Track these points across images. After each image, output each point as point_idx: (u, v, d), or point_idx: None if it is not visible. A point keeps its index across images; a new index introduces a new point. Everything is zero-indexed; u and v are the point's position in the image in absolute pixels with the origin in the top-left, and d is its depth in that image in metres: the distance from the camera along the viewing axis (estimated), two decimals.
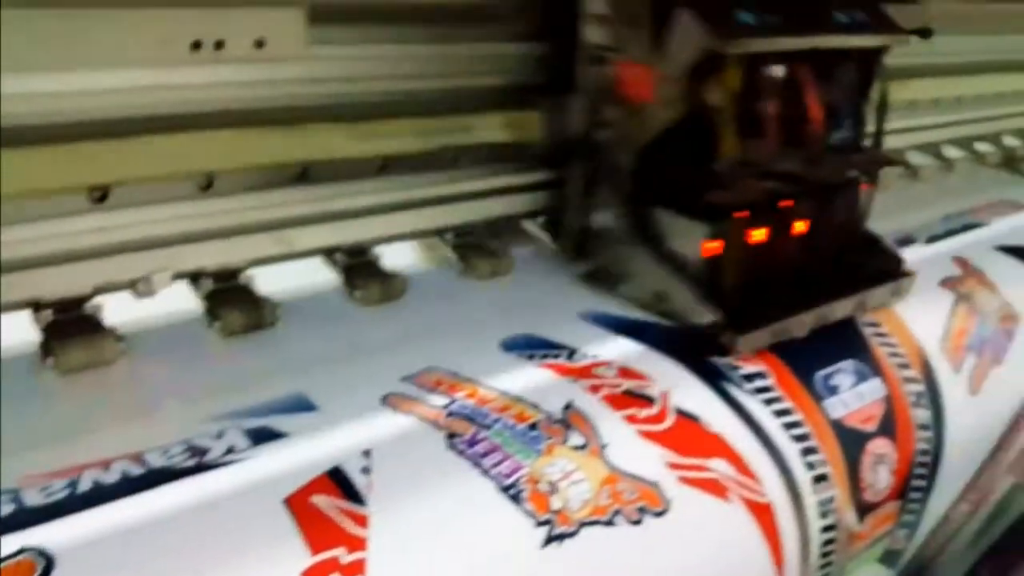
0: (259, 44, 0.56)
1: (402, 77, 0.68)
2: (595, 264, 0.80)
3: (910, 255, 0.95)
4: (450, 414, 0.58)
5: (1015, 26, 1.33)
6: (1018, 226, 1.09)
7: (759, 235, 0.74)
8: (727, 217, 0.72)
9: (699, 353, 0.70)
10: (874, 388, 0.75)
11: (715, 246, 0.72)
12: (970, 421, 0.83)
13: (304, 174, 0.67)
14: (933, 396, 0.79)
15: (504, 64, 0.75)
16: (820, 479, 0.68)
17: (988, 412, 0.86)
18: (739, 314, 0.71)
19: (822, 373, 0.73)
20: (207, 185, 0.62)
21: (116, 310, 0.64)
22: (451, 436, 0.56)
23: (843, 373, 0.75)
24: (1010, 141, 1.45)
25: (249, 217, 0.64)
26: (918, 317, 0.84)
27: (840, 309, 0.78)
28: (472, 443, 0.56)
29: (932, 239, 1.00)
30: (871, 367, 0.76)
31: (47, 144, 0.53)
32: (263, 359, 0.64)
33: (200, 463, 0.51)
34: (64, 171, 0.54)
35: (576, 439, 0.59)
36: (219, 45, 0.55)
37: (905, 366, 0.79)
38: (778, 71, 0.71)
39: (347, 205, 0.69)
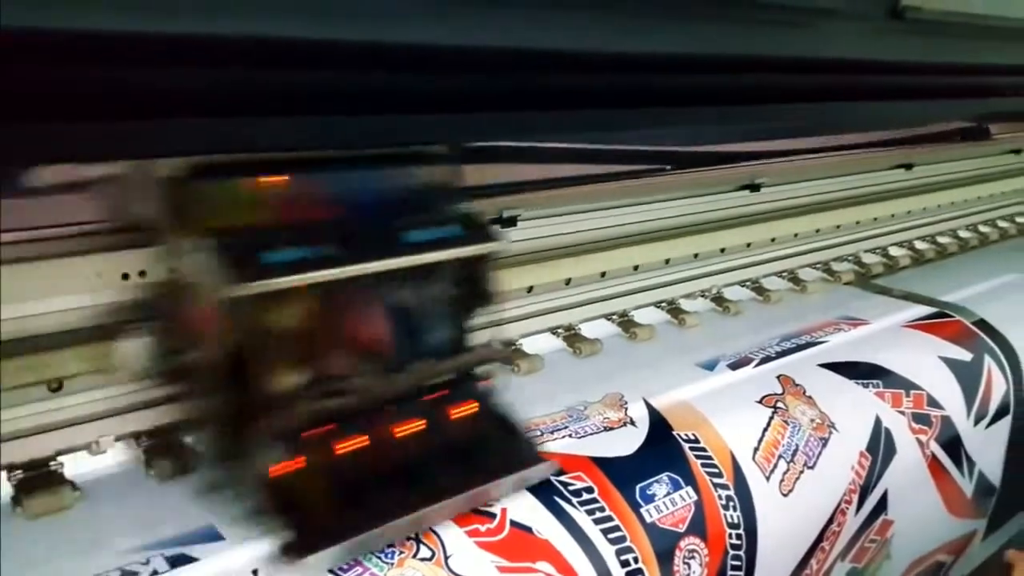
0: None
1: None
2: (203, 481, 0.80)
3: (738, 376, 1.15)
4: None
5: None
6: (844, 342, 1.29)
7: (343, 447, 0.76)
8: (296, 437, 0.74)
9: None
10: (686, 495, 0.94)
11: (284, 466, 0.73)
12: (783, 518, 1.00)
13: None
14: (743, 499, 0.98)
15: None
16: (634, 573, 0.86)
17: (801, 510, 1.03)
18: (315, 530, 0.72)
19: (641, 484, 0.92)
20: None
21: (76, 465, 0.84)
22: None
23: (659, 483, 0.93)
24: (866, 259, 1.70)
25: None
26: (734, 430, 1.03)
27: (447, 509, 0.79)
28: None
29: (764, 360, 1.20)
30: (685, 477, 0.95)
31: (18, 356, 0.74)
32: (186, 499, 0.82)
33: None
34: (30, 372, 0.75)
35: (424, 552, 0.77)
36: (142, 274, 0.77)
37: (717, 474, 0.97)
38: (344, 296, 0.75)
39: None
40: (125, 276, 0.77)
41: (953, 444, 1.24)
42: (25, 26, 0.49)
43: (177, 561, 0.73)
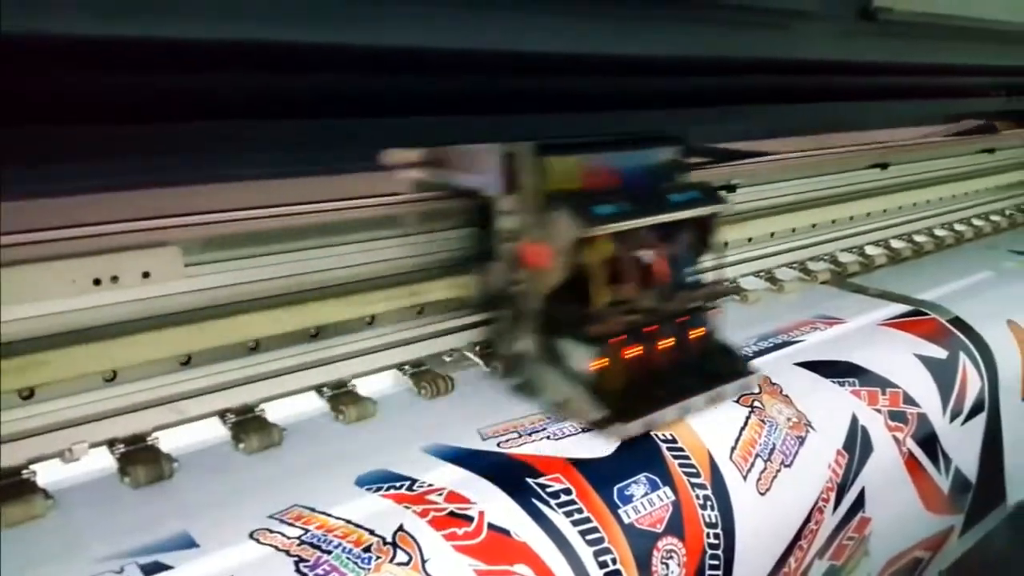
0: (146, 275, 0.78)
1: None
2: (520, 380, 1.08)
3: None
4: (301, 543, 0.76)
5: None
6: (821, 341, 1.30)
7: (632, 352, 1.03)
8: (606, 342, 1.00)
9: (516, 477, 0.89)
10: (663, 495, 0.94)
11: (599, 362, 1.00)
12: (760, 517, 1.01)
13: (189, 360, 0.87)
14: (721, 498, 0.98)
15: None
16: (612, 574, 0.86)
17: (779, 509, 1.04)
18: (622, 409, 0.98)
19: (619, 486, 0.92)
20: (112, 377, 0.82)
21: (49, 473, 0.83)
22: (299, 561, 0.74)
23: (637, 484, 0.93)
24: (842, 258, 1.71)
25: (148, 396, 0.84)
26: (711, 430, 1.03)
27: (695, 404, 1.04)
28: (315, 566, 0.74)
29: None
30: (663, 477, 0.95)
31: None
32: (161, 505, 0.82)
33: None
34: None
35: (402, 556, 0.77)
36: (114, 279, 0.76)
37: (695, 474, 0.98)
38: (630, 239, 1.01)
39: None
40: (96, 281, 0.76)
41: (929, 441, 1.25)
42: None
43: (151, 569, 0.72)
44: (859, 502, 1.13)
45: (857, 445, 1.14)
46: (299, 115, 0.77)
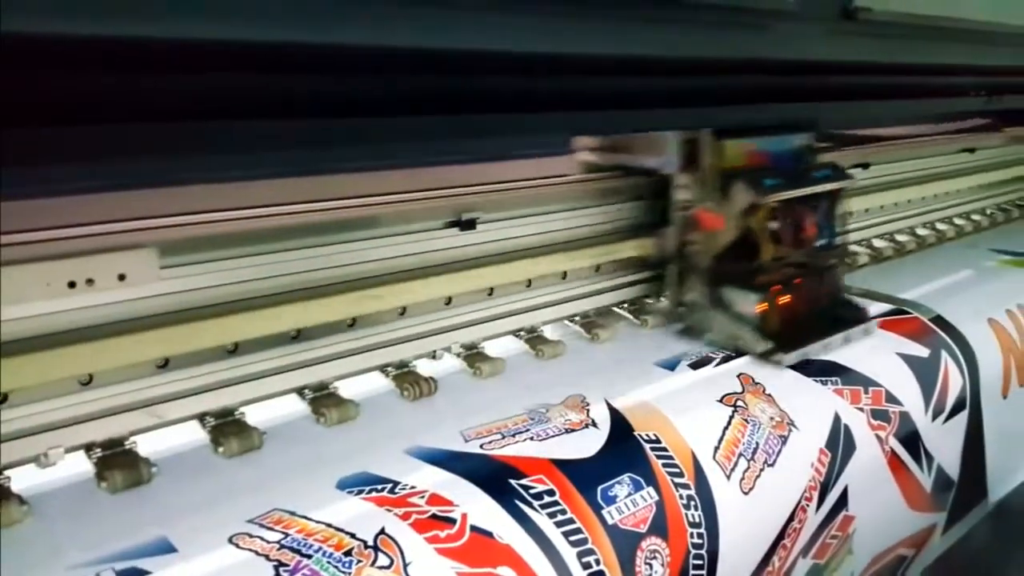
0: (121, 277, 0.77)
1: None
2: (686, 324, 1.33)
3: (699, 375, 1.16)
4: (281, 547, 0.75)
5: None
6: None
7: (785, 299, 1.29)
8: (768, 289, 1.26)
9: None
10: (647, 495, 0.94)
11: (763, 306, 1.26)
12: (743, 517, 1.01)
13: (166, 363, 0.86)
14: (704, 498, 0.98)
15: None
16: (596, 575, 0.85)
17: (762, 508, 1.04)
18: (785, 343, 1.23)
19: (603, 486, 0.92)
20: (88, 381, 0.80)
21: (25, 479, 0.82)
22: (279, 565, 0.73)
23: (621, 485, 0.93)
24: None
25: (125, 399, 0.83)
26: (694, 430, 1.03)
27: (834, 342, 1.30)
28: (295, 571, 0.73)
29: (725, 359, 1.20)
30: (646, 477, 0.95)
31: None
32: (139, 510, 0.81)
33: None
34: None
35: (383, 560, 0.76)
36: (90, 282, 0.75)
37: (678, 474, 0.97)
38: (788, 207, 1.27)
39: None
40: (71, 284, 0.75)
41: (912, 439, 1.26)
42: None
43: (129, 575, 0.71)
44: (842, 500, 1.13)
45: (840, 444, 1.14)
46: (284, 115, 0.76)
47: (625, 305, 1.39)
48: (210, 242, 0.87)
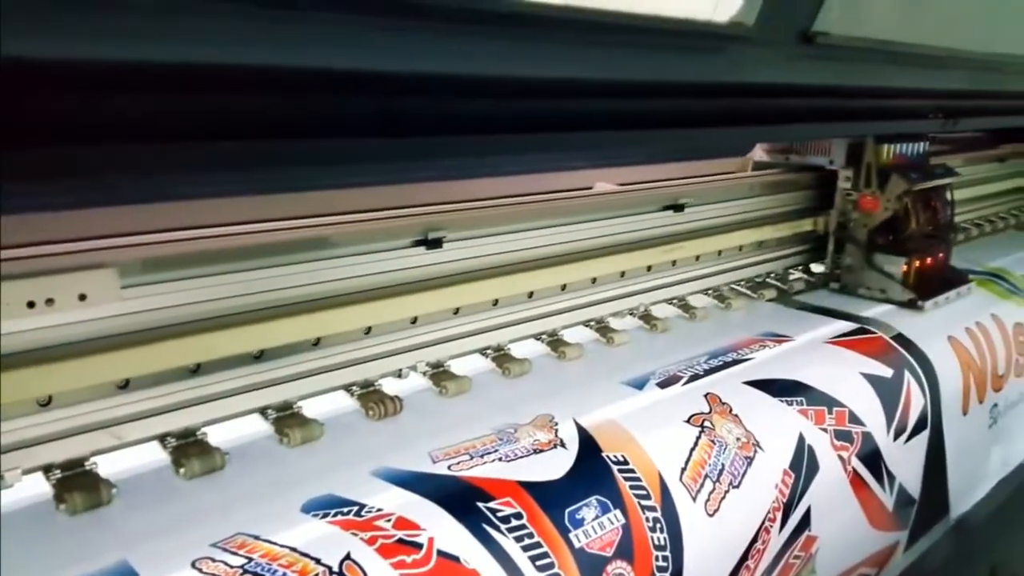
0: (82, 297, 0.75)
1: None
2: (842, 284, 1.78)
3: (667, 394, 1.16)
4: (244, 572, 0.74)
5: None
6: (770, 359, 1.31)
7: (924, 264, 1.74)
8: (913, 255, 1.71)
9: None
10: (614, 518, 0.93)
11: (907, 268, 1.70)
12: (708, 539, 1.01)
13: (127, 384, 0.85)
14: (670, 520, 0.98)
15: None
16: None
17: (727, 530, 1.04)
18: (922, 294, 1.69)
19: (570, 509, 0.92)
20: (47, 402, 0.79)
21: None
22: None
23: (588, 507, 0.93)
24: (789, 276, 1.76)
25: (85, 420, 0.82)
26: (662, 452, 1.03)
27: (951, 295, 1.77)
28: None
29: (693, 378, 1.21)
30: (613, 500, 0.95)
31: None
32: (99, 533, 0.79)
33: None
34: None
35: None
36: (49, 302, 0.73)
37: (645, 496, 0.97)
38: (927, 193, 1.78)
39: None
40: (31, 304, 0.74)
41: (873, 459, 1.27)
42: None
43: None
44: (805, 521, 1.14)
45: (804, 464, 1.15)
46: (248, 135, 0.75)
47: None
48: (172, 262, 0.86)
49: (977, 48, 1.62)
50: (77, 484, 0.82)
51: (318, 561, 0.77)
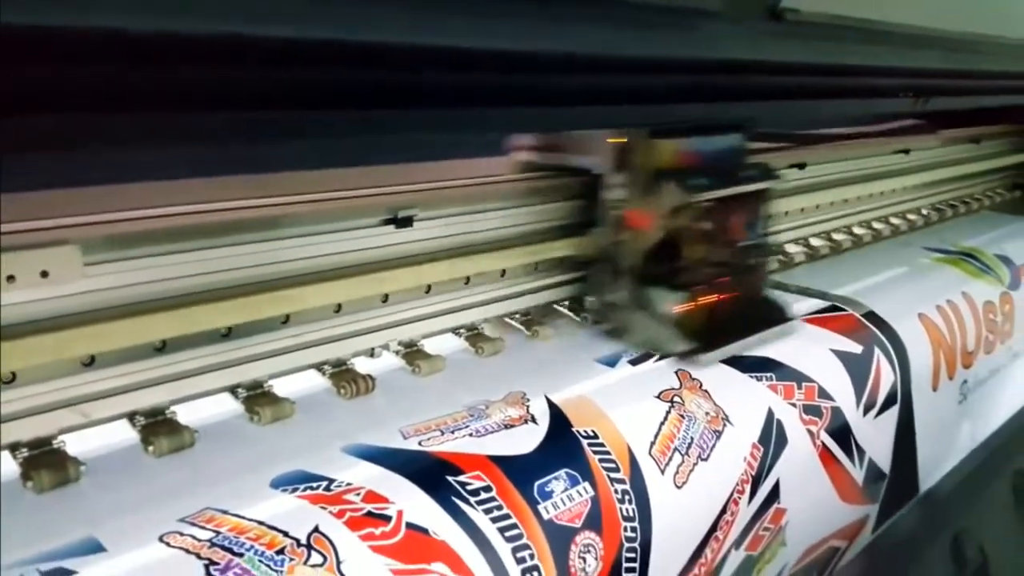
0: (44, 274, 0.75)
1: None
2: (611, 325, 1.30)
3: (638, 370, 1.17)
4: (212, 545, 0.75)
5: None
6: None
7: (707, 299, 1.28)
8: (689, 289, 1.25)
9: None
10: (583, 490, 0.95)
11: (683, 307, 1.24)
12: (676, 510, 1.02)
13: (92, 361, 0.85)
14: (638, 492, 0.99)
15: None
16: (530, 570, 0.86)
17: (695, 502, 1.05)
18: (702, 344, 1.22)
19: (539, 482, 0.93)
20: (11, 379, 0.79)
21: None
22: (210, 564, 0.73)
23: (557, 480, 0.94)
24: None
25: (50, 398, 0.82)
26: (631, 426, 1.04)
27: (753, 342, 1.29)
28: (226, 569, 0.72)
29: (663, 356, 1.22)
30: (583, 473, 0.96)
31: None
32: (66, 510, 0.79)
33: None
34: None
35: (316, 558, 0.76)
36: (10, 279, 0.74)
37: (614, 469, 0.99)
38: (714, 207, 1.26)
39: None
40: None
41: (843, 433, 1.29)
42: None
43: (54, 575, 0.70)
44: (774, 493, 1.15)
45: (772, 438, 1.16)
46: (213, 108, 0.75)
47: (565, 303, 1.39)
48: (137, 239, 0.85)
49: (952, 27, 1.63)
50: (44, 462, 0.82)
51: (286, 534, 0.77)
